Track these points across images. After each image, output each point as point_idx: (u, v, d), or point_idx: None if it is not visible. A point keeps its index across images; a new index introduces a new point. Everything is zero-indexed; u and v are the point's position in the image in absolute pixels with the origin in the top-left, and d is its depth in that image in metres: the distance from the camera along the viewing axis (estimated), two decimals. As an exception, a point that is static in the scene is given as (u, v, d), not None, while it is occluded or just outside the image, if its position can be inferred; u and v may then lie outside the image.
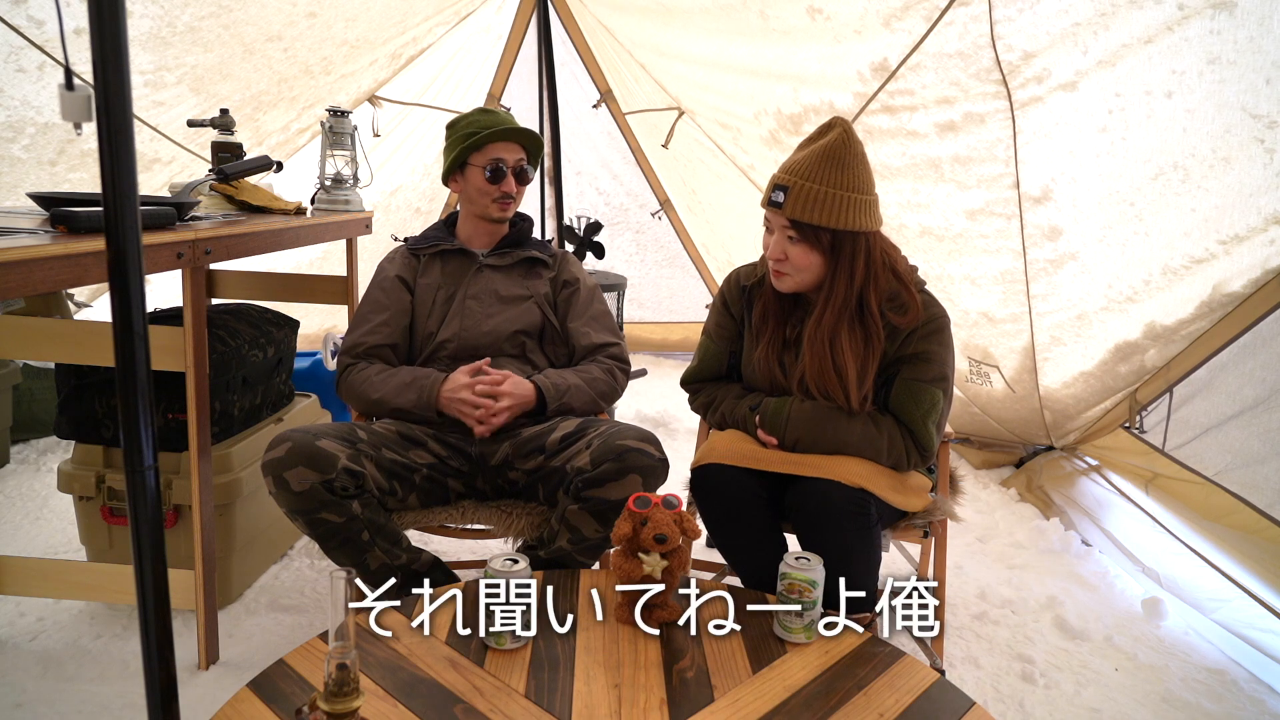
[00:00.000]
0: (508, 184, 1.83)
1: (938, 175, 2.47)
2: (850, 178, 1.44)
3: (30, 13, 2.01)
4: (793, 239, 1.49)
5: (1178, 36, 1.73)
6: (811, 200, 1.44)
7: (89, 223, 1.31)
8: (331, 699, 0.88)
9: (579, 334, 1.86)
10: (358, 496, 1.52)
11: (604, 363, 1.84)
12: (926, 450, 1.54)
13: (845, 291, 1.50)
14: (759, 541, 1.54)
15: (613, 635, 1.21)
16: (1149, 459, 2.37)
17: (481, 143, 1.81)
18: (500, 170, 1.82)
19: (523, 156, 1.86)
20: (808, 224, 1.45)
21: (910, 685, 1.11)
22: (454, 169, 1.86)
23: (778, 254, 1.52)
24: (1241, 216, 1.89)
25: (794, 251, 1.50)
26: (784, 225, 1.49)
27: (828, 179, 1.43)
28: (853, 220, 1.45)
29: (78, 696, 1.61)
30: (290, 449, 1.47)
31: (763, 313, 1.63)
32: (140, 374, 1.04)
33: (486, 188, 1.83)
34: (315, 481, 1.46)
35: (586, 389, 1.76)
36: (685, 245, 4.62)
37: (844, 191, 1.44)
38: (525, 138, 1.86)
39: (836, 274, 1.49)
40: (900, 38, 2.25)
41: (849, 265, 1.48)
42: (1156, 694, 1.77)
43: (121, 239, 1.00)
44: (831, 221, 1.44)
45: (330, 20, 2.73)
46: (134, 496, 1.06)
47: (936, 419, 1.54)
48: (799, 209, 1.45)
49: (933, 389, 1.52)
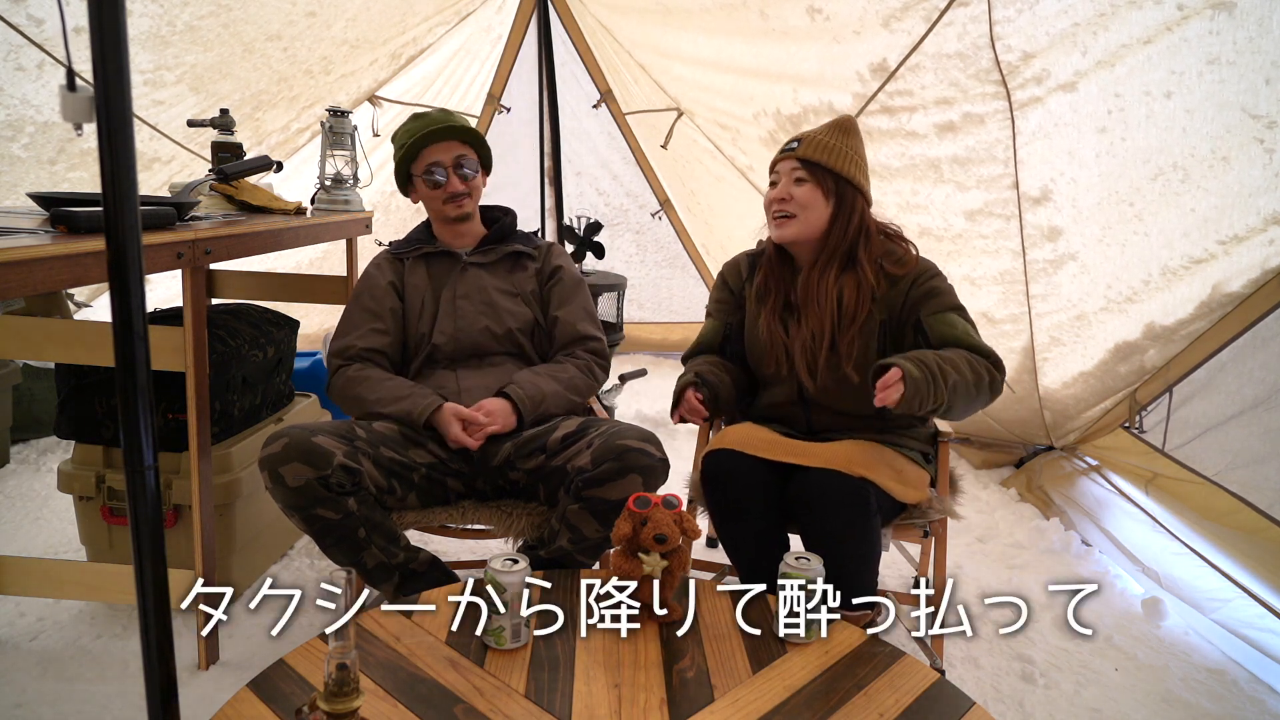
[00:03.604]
0: (451, 185, 1.79)
1: (937, 176, 2.47)
2: (855, 144, 1.64)
3: (30, 11, 2.01)
4: (801, 180, 1.62)
5: (1177, 37, 1.73)
6: (823, 147, 1.61)
7: (89, 223, 1.31)
8: (331, 699, 0.88)
9: (563, 323, 1.84)
10: (354, 494, 1.51)
11: (582, 358, 1.83)
12: (995, 358, 1.55)
13: (839, 242, 1.62)
14: (763, 535, 1.55)
15: (613, 635, 1.21)
16: (1149, 459, 2.37)
17: (413, 152, 1.78)
18: (435, 176, 1.79)
19: (463, 153, 1.79)
20: (818, 163, 1.60)
21: (910, 685, 1.11)
22: (404, 183, 1.85)
23: (783, 194, 1.63)
24: (1241, 216, 1.89)
25: (800, 191, 1.62)
26: (794, 167, 1.63)
27: (837, 138, 1.63)
28: (854, 174, 1.61)
29: (78, 696, 1.61)
30: (286, 445, 1.47)
31: (764, 279, 1.73)
32: (140, 374, 1.04)
33: (431, 194, 1.81)
34: (310, 477, 1.46)
35: (564, 394, 1.74)
36: (685, 246, 4.61)
37: (850, 151, 1.63)
38: (458, 134, 1.79)
39: (835, 222, 1.62)
40: (899, 38, 2.25)
41: (847, 217, 1.62)
42: (1156, 694, 1.77)
43: (121, 239, 1.00)
44: (840, 166, 1.60)
45: (330, 20, 2.73)
46: (134, 496, 1.06)
47: (977, 335, 1.59)
48: (812, 151, 1.61)
49: (953, 314, 1.59)
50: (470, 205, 1.84)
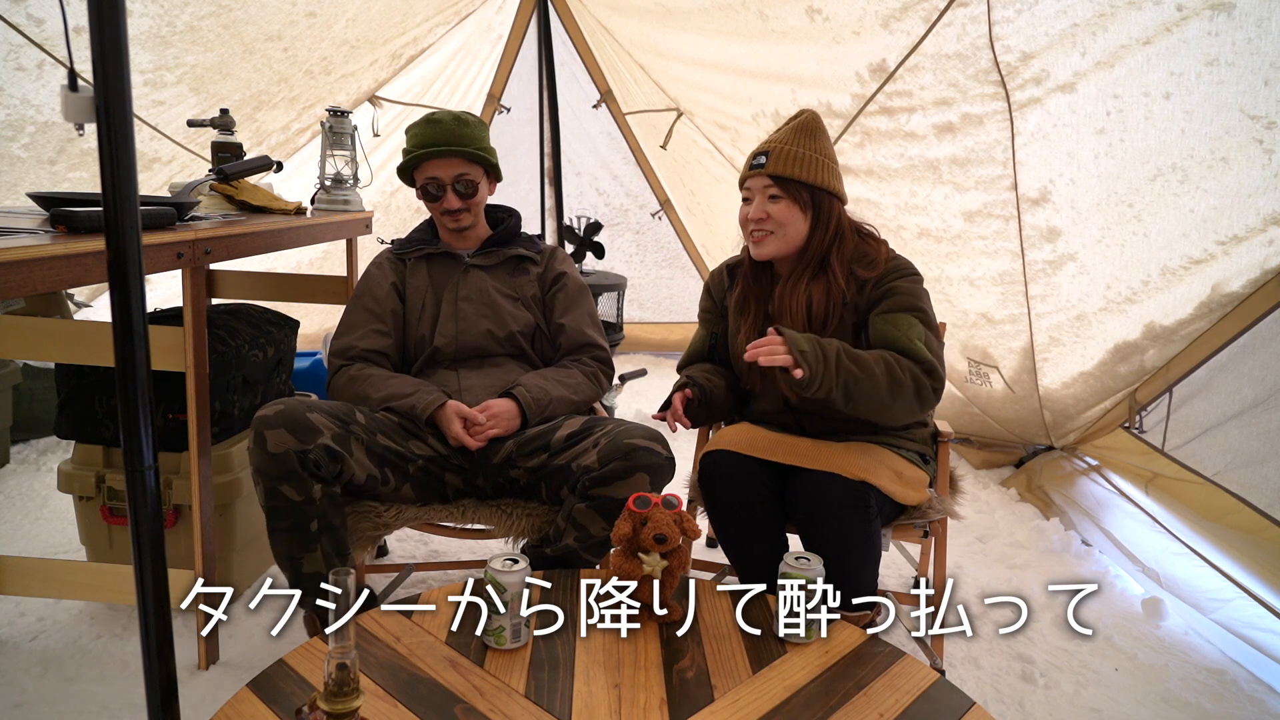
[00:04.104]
0: (446, 202, 1.78)
1: (936, 177, 2.47)
2: (822, 145, 1.62)
3: (30, 11, 2.01)
4: (774, 197, 1.60)
5: (1176, 38, 1.73)
6: (792, 159, 1.58)
7: (89, 223, 1.31)
8: (331, 699, 0.88)
9: (569, 330, 1.84)
10: (324, 483, 1.49)
11: (588, 365, 1.83)
12: (928, 365, 1.48)
13: (817, 250, 1.61)
14: (761, 535, 1.55)
15: (613, 635, 1.21)
16: (1149, 459, 2.38)
17: (416, 162, 1.77)
18: (432, 192, 1.78)
19: (465, 171, 1.77)
20: (790, 178, 1.57)
21: (910, 685, 1.11)
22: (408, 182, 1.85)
23: (759, 214, 1.61)
24: (1240, 217, 1.89)
25: (775, 209, 1.60)
26: (766, 185, 1.60)
27: (803, 144, 1.60)
28: (827, 180, 1.59)
29: (78, 696, 1.61)
30: (280, 411, 1.48)
31: (743, 291, 1.72)
32: (140, 374, 1.04)
33: (429, 205, 1.81)
34: (291, 448, 1.45)
35: (569, 399, 1.74)
36: (685, 246, 4.62)
37: (819, 155, 1.60)
38: (459, 153, 1.75)
39: (814, 231, 1.60)
40: (899, 39, 2.25)
41: (825, 225, 1.60)
42: (1156, 694, 1.77)
43: (121, 239, 1.00)
44: (811, 177, 1.58)
45: (330, 20, 2.73)
46: (134, 496, 1.06)
47: (924, 338, 1.51)
48: (781, 165, 1.58)
49: (905, 315, 1.53)
50: (468, 219, 1.84)
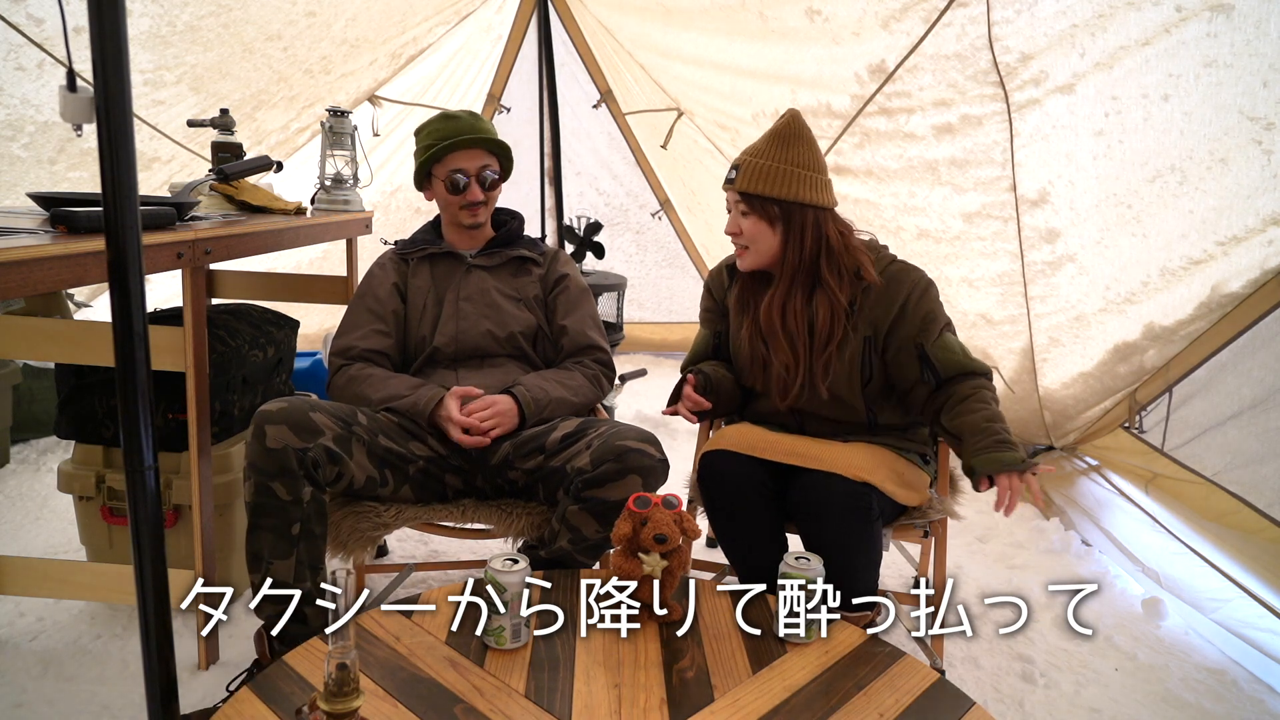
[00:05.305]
0: (471, 193, 1.80)
1: (934, 178, 2.47)
2: (796, 154, 1.56)
3: (30, 10, 2.01)
4: (745, 213, 1.59)
5: (1175, 39, 1.73)
6: (759, 174, 1.56)
7: (89, 223, 1.31)
8: (331, 699, 0.88)
9: (571, 332, 1.84)
10: (316, 486, 1.49)
11: (590, 368, 1.83)
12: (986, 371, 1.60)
13: (796, 262, 1.58)
14: (761, 535, 1.55)
15: (613, 635, 1.21)
16: (1149, 459, 2.38)
17: (440, 154, 1.78)
18: (457, 183, 1.79)
19: (488, 163, 1.81)
20: (755, 195, 1.56)
21: (910, 685, 1.11)
22: (422, 180, 1.85)
23: (733, 229, 1.62)
24: (1239, 218, 1.89)
25: (746, 224, 1.60)
26: (736, 200, 1.60)
27: (775, 155, 1.56)
28: (799, 192, 1.55)
29: (78, 696, 1.61)
30: (283, 408, 1.48)
31: (740, 295, 1.72)
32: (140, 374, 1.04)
33: (450, 199, 1.82)
34: (290, 445, 1.45)
35: (569, 401, 1.74)
36: (685, 246, 4.62)
37: (791, 166, 1.55)
38: (486, 144, 1.80)
39: (788, 245, 1.58)
40: (898, 39, 2.25)
41: (799, 237, 1.57)
42: (1156, 694, 1.77)
43: (121, 239, 1.01)
44: (778, 192, 1.55)
45: (330, 19, 2.73)
46: (134, 496, 1.06)
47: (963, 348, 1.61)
48: (748, 182, 1.57)
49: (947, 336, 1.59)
50: (485, 215, 1.86)
